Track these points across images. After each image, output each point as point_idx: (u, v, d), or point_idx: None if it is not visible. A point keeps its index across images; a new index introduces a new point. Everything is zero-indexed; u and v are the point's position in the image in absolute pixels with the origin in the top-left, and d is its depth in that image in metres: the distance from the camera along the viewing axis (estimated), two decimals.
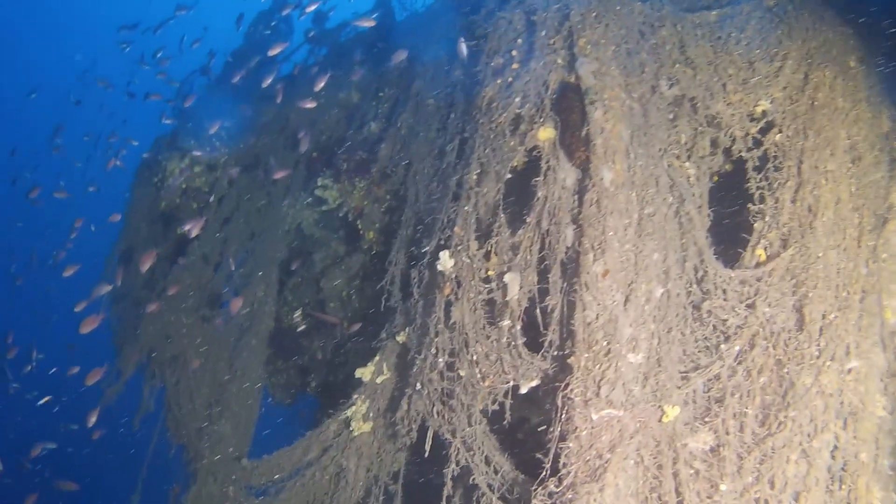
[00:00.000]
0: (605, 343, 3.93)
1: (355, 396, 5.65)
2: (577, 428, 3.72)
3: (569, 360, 4.01)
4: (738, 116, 4.63)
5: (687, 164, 4.71)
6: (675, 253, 4.37)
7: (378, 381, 5.60)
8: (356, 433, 5.55)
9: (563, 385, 3.97)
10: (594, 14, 5.03)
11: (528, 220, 4.62)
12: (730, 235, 4.70)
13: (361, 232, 7.32)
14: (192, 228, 6.58)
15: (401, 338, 5.52)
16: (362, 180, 7.21)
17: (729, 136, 4.71)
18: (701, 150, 4.80)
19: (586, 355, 3.94)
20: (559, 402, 3.96)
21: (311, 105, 6.68)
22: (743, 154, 4.66)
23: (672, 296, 4.20)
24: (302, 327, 7.77)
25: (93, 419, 7.57)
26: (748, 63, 4.69)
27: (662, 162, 4.63)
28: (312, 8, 7.99)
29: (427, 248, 5.27)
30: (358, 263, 7.63)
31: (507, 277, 4.54)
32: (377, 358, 5.69)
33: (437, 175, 5.87)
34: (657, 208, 4.44)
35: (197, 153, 7.02)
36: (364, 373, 5.66)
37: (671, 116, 4.82)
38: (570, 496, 3.48)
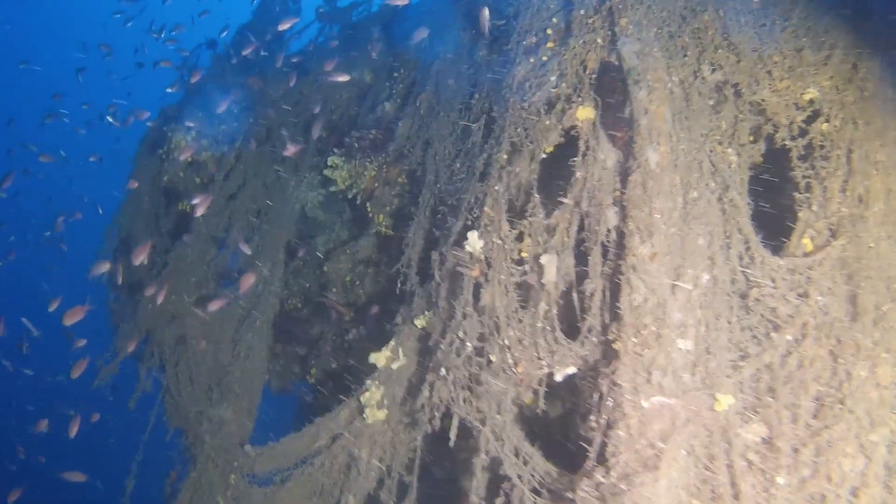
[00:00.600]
0: (654, 328, 3.77)
1: (369, 382, 5.43)
2: (626, 416, 3.56)
3: (614, 345, 3.85)
4: (784, 104, 4.50)
5: (729, 150, 4.57)
6: (720, 239, 4.22)
7: (394, 366, 5.40)
8: (370, 421, 5.34)
9: (608, 371, 3.81)
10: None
11: (565, 200, 4.46)
12: (764, 224, 4.58)
13: (371, 214, 7.10)
14: (200, 205, 6.32)
15: (420, 322, 5.32)
16: (374, 161, 7.00)
17: (773, 124, 4.58)
18: (742, 136, 4.67)
19: (634, 340, 3.78)
20: (604, 389, 3.80)
21: (343, 78, 6.44)
22: (787, 142, 4.53)
23: (718, 282, 4.06)
24: (303, 312, 7.54)
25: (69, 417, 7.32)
26: (795, 50, 4.56)
27: (705, 147, 4.49)
28: None
29: (452, 229, 5.07)
30: (366, 247, 7.41)
31: (543, 259, 4.37)
32: (392, 343, 5.49)
33: (460, 155, 5.69)
34: (701, 193, 4.29)
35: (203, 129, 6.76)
36: (378, 358, 5.45)
37: (713, 102, 4.68)
38: (622, 486, 3.31)
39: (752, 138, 4.70)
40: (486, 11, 5.88)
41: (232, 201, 6.82)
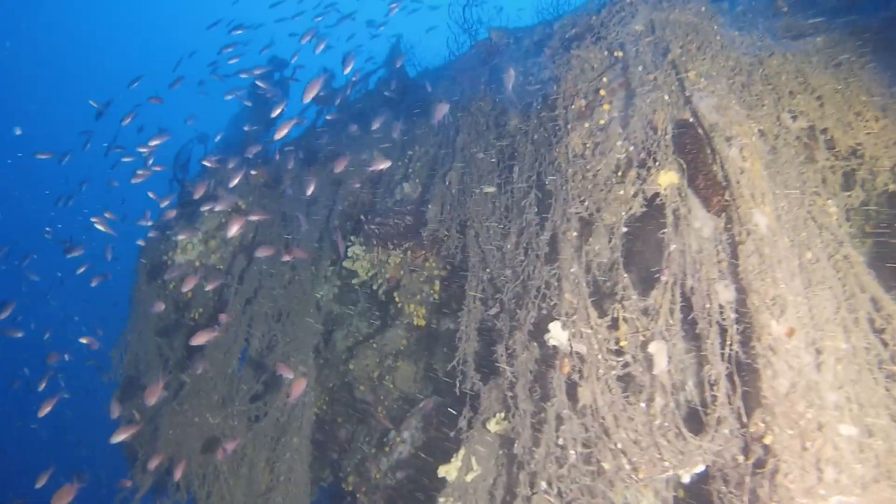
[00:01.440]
0: (811, 415, 3.26)
1: (442, 500, 4.80)
2: None
3: (765, 440, 3.33)
4: (884, 145, 4.13)
5: (829, 201, 4.17)
6: (844, 300, 3.78)
7: (468, 478, 4.78)
8: None
9: (766, 471, 3.28)
10: (696, 45, 4.52)
11: (663, 278, 3.98)
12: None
13: (400, 304, 6.54)
14: (207, 337, 5.70)
15: (494, 426, 4.74)
16: (398, 247, 6.48)
17: (871, 169, 4.21)
18: (837, 184, 4.29)
19: (790, 432, 3.26)
20: (764, 493, 3.26)
21: (384, 165, 5.94)
22: (891, 186, 4.15)
23: (857, 349, 3.59)
24: (328, 413, 6.88)
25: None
26: (885, 88, 4.22)
27: (805, 201, 4.08)
28: (349, 66, 7.26)
29: (523, 319, 4.55)
30: (394, 340, 6.83)
31: (652, 348, 3.85)
32: (462, 451, 4.87)
33: (509, 235, 5.19)
34: (816, 252, 3.86)
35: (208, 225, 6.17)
36: (449, 470, 4.83)
37: (800, 151, 4.30)
38: None
39: (846, 185, 4.33)
40: (512, 73, 5.49)
41: (249, 306, 6.20)
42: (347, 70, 7.07)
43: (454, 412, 5.21)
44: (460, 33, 8.21)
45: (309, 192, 6.03)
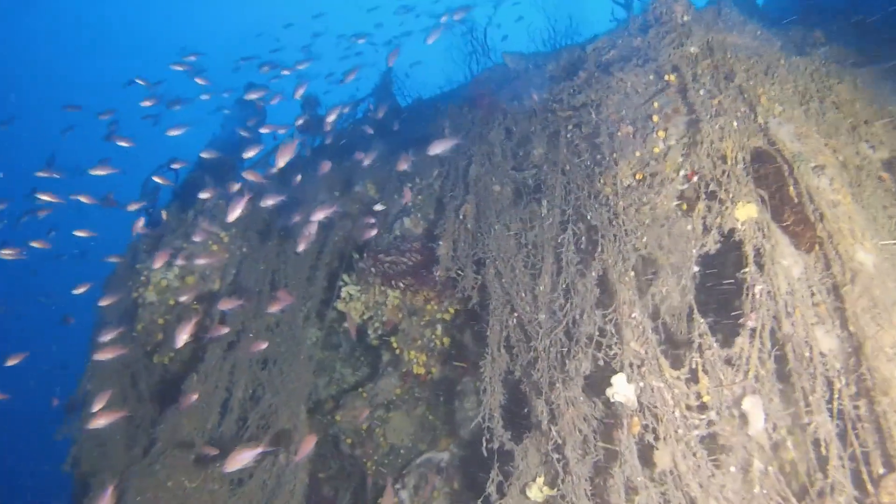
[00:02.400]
0: None
1: None
2: None
3: None
4: None
5: None
6: None
7: None
8: None
9: None
10: (762, 67, 4.14)
11: (747, 323, 3.49)
12: None
13: (398, 351, 5.90)
14: (188, 398, 4.96)
15: (536, 492, 4.13)
16: (400, 287, 5.87)
17: None
18: None
19: None
20: None
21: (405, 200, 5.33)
22: None
23: None
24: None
25: None
26: None
27: None
28: (301, 92, 6.69)
29: (572, 370, 3.99)
30: (387, 390, 6.17)
31: (746, 404, 3.34)
32: None
33: (542, 275, 4.65)
34: None
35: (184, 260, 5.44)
36: None
37: (883, 181, 3.93)
38: None
39: None
40: (536, 98, 5.02)
41: (231, 352, 5.46)
42: (298, 95, 6.54)
43: (479, 474, 4.59)
44: (455, 63, 7.75)
45: (301, 246, 5.38)
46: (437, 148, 5.41)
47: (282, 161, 5.59)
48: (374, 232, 5.91)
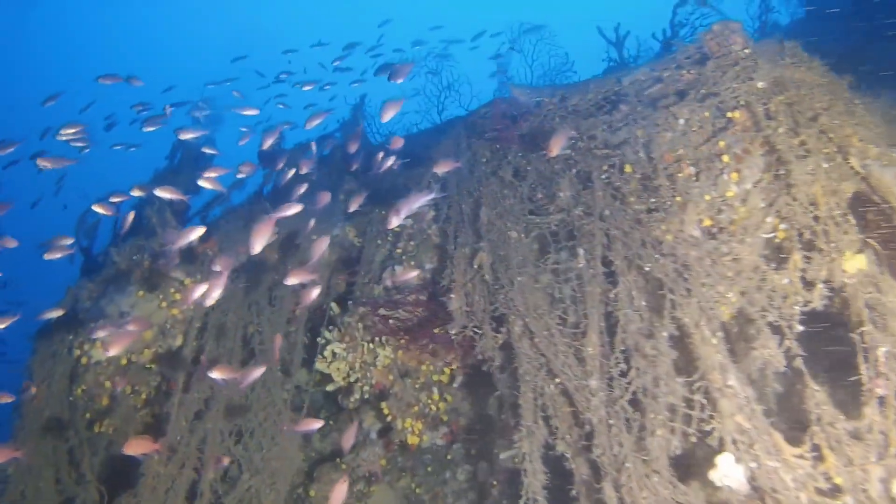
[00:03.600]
0: None
1: None
2: None
3: None
4: None
5: None
6: None
7: None
8: None
9: None
10: (840, 107, 3.80)
11: (875, 389, 3.05)
12: None
13: (389, 418, 5.15)
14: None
15: None
16: (387, 345, 5.16)
17: None
18: None
19: None
20: None
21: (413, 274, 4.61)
22: None
23: None
24: None
25: None
26: None
27: None
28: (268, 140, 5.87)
29: (659, 451, 3.42)
30: (371, 461, 5.39)
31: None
32: None
33: (590, 334, 4.07)
34: None
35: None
36: None
37: None
38: None
39: None
40: (563, 134, 4.50)
41: (199, 422, 4.53)
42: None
43: None
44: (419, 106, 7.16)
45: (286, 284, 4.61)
46: (442, 167, 4.83)
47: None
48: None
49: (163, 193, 4.78)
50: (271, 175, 6.01)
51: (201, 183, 4.92)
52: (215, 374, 4.07)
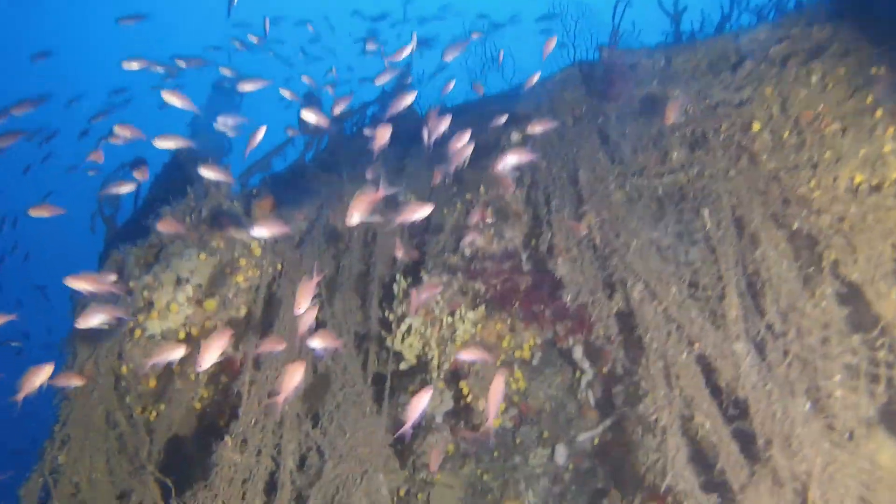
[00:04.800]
0: None
1: None
2: None
3: None
4: None
5: None
6: None
7: None
8: None
9: None
10: None
11: None
12: None
13: (468, 399, 4.73)
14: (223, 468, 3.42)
15: None
16: (466, 320, 4.74)
17: None
18: None
19: None
20: None
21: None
22: None
23: None
24: None
25: None
26: None
27: None
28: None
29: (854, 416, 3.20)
30: (436, 446, 4.93)
31: None
32: None
33: (730, 297, 3.81)
34: None
35: None
36: None
37: None
38: None
39: None
40: (678, 95, 4.27)
41: (273, 405, 3.94)
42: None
43: None
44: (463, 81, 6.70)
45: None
46: (538, 127, 4.47)
47: None
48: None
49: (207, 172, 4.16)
50: (313, 142, 5.46)
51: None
52: (316, 342, 3.54)
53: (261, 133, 4.28)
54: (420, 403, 3.33)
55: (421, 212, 3.81)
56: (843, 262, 3.51)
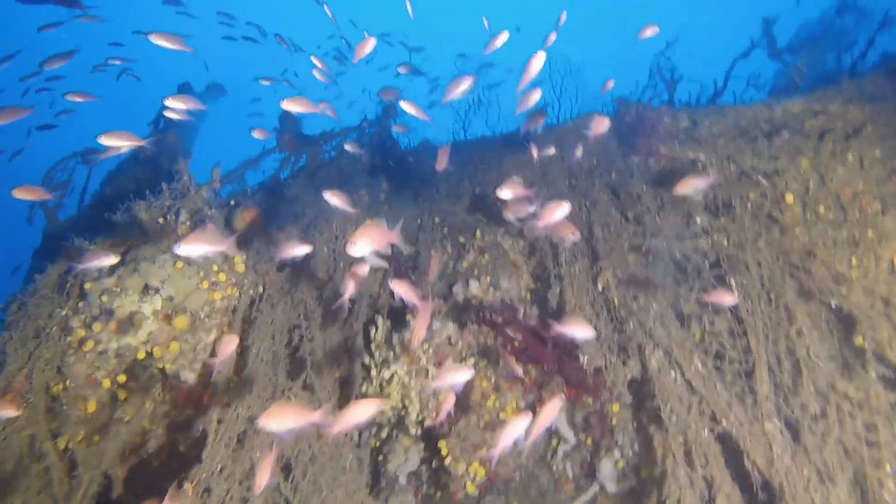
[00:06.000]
0: None
1: None
2: None
3: None
4: None
5: None
6: None
7: None
8: None
9: None
10: None
11: None
12: None
13: (447, 460, 4.28)
14: None
15: None
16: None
17: None
18: None
19: None
20: None
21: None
22: None
23: None
24: None
25: None
26: None
27: None
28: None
29: None
30: None
31: None
32: None
33: (761, 372, 3.55)
34: None
35: None
36: None
37: None
38: None
39: None
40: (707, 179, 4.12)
41: (242, 449, 3.33)
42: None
43: None
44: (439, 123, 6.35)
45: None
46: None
47: None
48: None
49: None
50: (289, 159, 4.98)
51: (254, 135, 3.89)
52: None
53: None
54: None
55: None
56: (887, 346, 3.32)
